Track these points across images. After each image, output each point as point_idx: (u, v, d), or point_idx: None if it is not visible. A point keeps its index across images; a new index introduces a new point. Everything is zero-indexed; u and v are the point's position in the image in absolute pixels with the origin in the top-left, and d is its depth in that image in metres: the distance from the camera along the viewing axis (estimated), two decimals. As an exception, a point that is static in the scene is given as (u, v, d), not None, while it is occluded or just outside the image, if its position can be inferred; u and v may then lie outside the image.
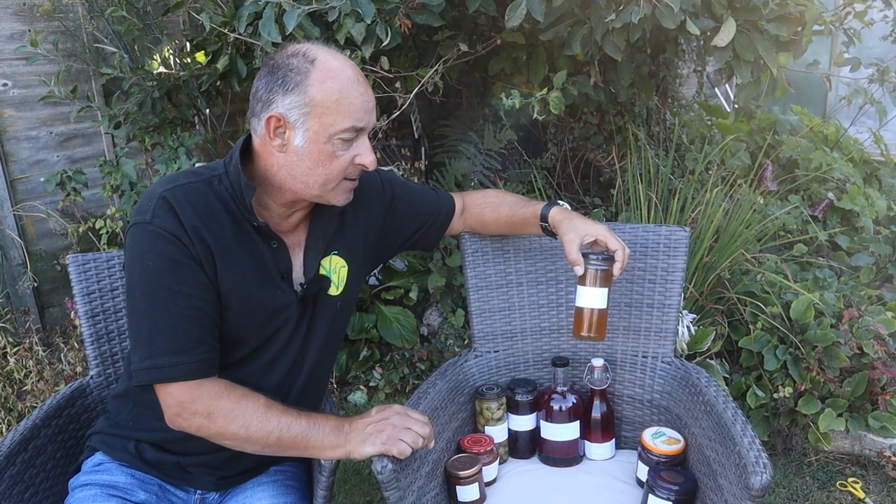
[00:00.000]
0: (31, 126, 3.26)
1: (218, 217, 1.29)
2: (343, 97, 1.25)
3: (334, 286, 1.45)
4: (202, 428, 1.26)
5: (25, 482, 1.39)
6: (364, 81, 1.29)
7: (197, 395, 1.25)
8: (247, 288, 1.31)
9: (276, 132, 1.26)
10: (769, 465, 1.20)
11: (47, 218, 3.24)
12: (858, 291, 2.75)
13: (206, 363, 1.26)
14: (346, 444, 1.29)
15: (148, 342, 1.25)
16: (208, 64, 2.60)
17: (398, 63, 2.42)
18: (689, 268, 2.55)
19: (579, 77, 2.45)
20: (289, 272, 1.38)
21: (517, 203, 1.66)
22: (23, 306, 3.26)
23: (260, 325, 1.35)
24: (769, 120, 3.87)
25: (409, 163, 3.27)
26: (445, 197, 1.68)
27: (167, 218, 1.24)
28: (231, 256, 1.29)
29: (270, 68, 1.27)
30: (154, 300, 1.24)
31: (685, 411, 1.58)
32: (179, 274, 1.24)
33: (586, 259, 1.47)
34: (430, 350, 2.98)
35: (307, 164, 1.27)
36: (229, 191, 1.31)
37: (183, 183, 1.29)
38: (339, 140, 1.26)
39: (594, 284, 1.47)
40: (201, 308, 1.26)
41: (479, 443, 1.63)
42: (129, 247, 1.28)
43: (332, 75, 1.24)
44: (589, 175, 3.49)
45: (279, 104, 1.25)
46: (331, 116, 1.25)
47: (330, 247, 1.44)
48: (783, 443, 2.47)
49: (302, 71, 1.24)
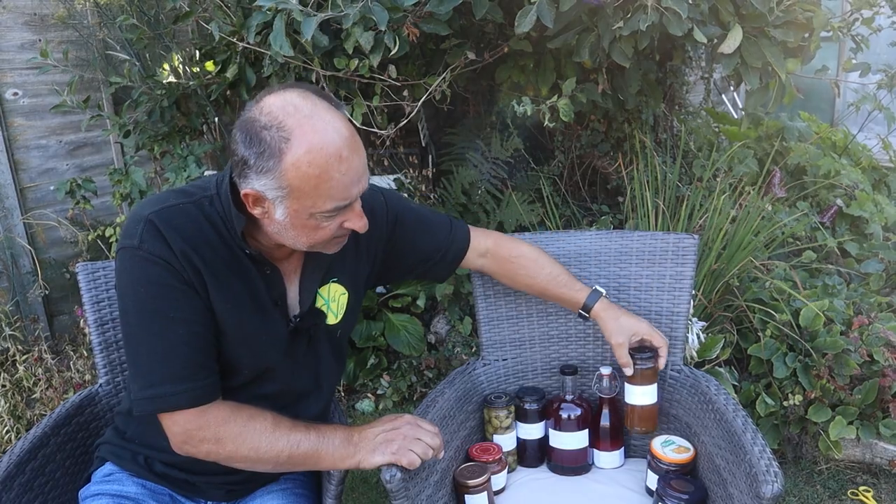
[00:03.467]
0: (41, 135, 3.28)
1: (208, 241, 1.23)
2: (322, 182, 1.14)
3: (333, 315, 1.41)
4: (211, 453, 1.25)
5: (35, 490, 1.39)
6: (351, 148, 1.16)
7: (203, 423, 1.23)
8: (239, 314, 1.27)
9: (256, 204, 1.19)
10: (780, 473, 1.19)
11: (57, 226, 3.26)
12: (868, 298, 2.73)
13: (208, 388, 1.24)
14: (355, 455, 1.29)
15: (147, 371, 1.22)
16: (218, 73, 2.61)
17: (405, 71, 2.43)
18: (697, 275, 2.54)
19: (587, 84, 2.46)
20: (282, 299, 1.34)
21: (555, 278, 1.62)
22: (32, 314, 3.27)
23: (254, 354, 1.31)
24: (777, 126, 3.86)
25: (417, 170, 3.27)
26: (461, 230, 1.60)
27: (155, 242, 1.20)
28: (222, 281, 1.24)
29: (245, 136, 1.14)
30: (151, 328, 1.21)
31: (695, 419, 1.57)
32: (173, 299, 1.20)
33: (633, 359, 1.57)
34: (438, 358, 2.98)
35: (291, 232, 1.21)
36: (221, 214, 1.25)
37: (171, 204, 1.24)
38: (321, 216, 1.19)
39: (643, 383, 1.57)
40: (199, 333, 1.23)
41: (487, 451, 1.62)
42: (119, 271, 1.24)
43: (308, 158, 1.12)
44: (596, 182, 3.49)
45: (254, 183, 1.15)
46: (309, 200, 1.15)
47: (328, 274, 1.39)
48: (793, 451, 2.46)
49: (276, 152, 1.11)
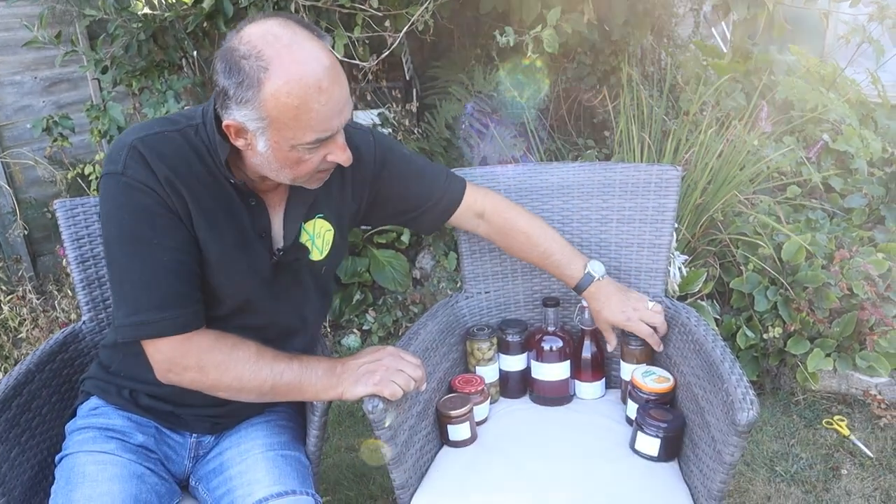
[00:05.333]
0: (14, 70, 3.20)
1: (193, 169, 1.23)
2: (302, 113, 1.12)
3: (318, 251, 1.40)
4: (195, 381, 1.26)
5: (22, 426, 1.40)
6: (331, 78, 1.13)
7: (187, 350, 1.23)
8: (222, 243, 1.26)
9: (238, 136, 1.18)
10: (756, 401, 1.21)
11: (35, 165, 3.21)
12: (850, 233, 2.75)
13: (192, 316, 1.24)
14: (338, 386, 1.30)
15: (131, 298, 1.21)
16: (194, 4, 2.54)
17: (387, 1, 2.36)
18: (682, 210, 2.54)
19: (573, 14, 2.40)
20: (266, 232, 1.33)
21: (548, 257, 1.60)
22: (14, 255, 3.25)
23: (236, 284, 1.31)
24: (766, 60, 3.81)
25: (400, 105, 3.23)
26: (456, 184, 1.57)
27: (139, 168, 1.19)
28: (206, 210, 1.24)
29: (225, 66, 1.13)
30: (134, 255, 1.20)
31: (675, 350, 1.60)
32: (157, 226, 1.20)
33: (628, 340, 1.64)
34: (423, 293, 3.00)
35: (274, 165, 1.20)
36: (206, 143, 1.24)
37: (156, 132, 1.23)
38: (303, 148, 1.18)
39: (639, 361, 1.65)
40: (182, 260, 1.23)
41: (469, 383, 1.64)
42: (102, 198, 1.23)
43: (287, 89, 1.10)
44: (582, 116, 3.45)
45: (235, 114, 1.14)
46: (290, 131, 1.14)
47: (314, 209, 1.38)
48: (771, 382, 2.51)
49: (255, 82, 1.10)
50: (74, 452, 1.34)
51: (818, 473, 2.13)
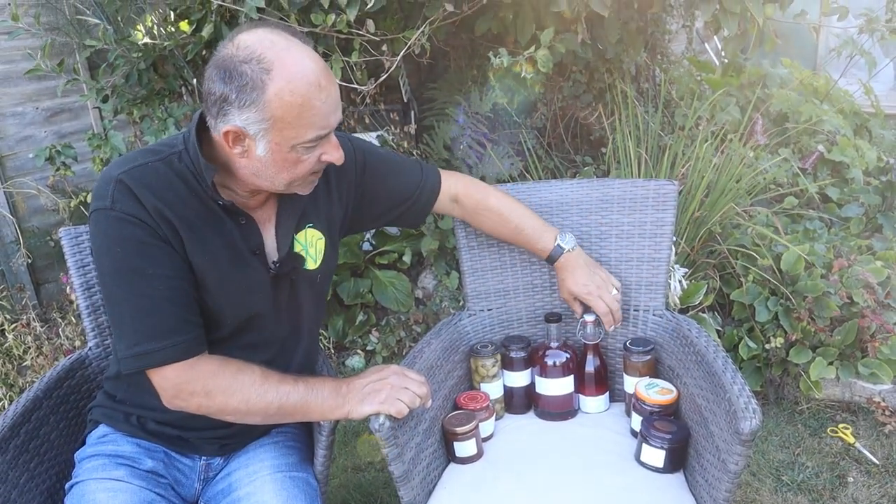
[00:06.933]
0: (16, 102, 3.24)
1: (180, 196, 1.24)
2: (305, 110, 1.17)
3: (311, 260, 1.43)
4: (202, 406, 1.27)
5: (31, 452, 1.41)
6: (328, 77, 1.20)
7: (192, 376, 1.25)
8: (218, 266, 1.28)
9: (236, 142, 1.21)
10: (758, 410, 1.22)
11: (38, 194, 3.23)
12: (848, 242, 2.77)
13: (194, 342, 1.25)
14: (344, 405, 1.31)
15: (131, 330, 1.22)
16: (193, 33, 2.58)
17: (384, 25, 2.40)
18: (680, 223, 2.56)
19: (566, 34, 2.44)
20: (260, 248, 1.35)
21: (520, 232, 1.66)
22: (18, 283, 3.27)
23: (236, 304, 1.33)
24: (759, 74, 3.85)
25: (399, 127, 3.26)
26: (432, 173, 1.63)
27: (127, 201, 1.21)
28: (198, 235, 1.26)
29: (223, 73, 1.16)
30: (130, 286, 1.22)
31: (677, 362, 1.61)
32: (150, 256, 1.22)
33: (630, 352, 1.66)
34: (426, 312, 3.01)
35: (272, 169, 1.23)
36: (190, 168, 1.26)
37: (140, 164, 1.25)
38: (302, 148, 1.22)
39: (642, 374, 1.66)
40: (179, 287, 1.24)
41: (475, 399, 1.65)
42: (93, 234, 1.24)
43: (291, 87, 1.15)
44: (579, 134, 3.48)
45: (236, 118, 1.17)
46: (293, 130, 1.18)
47: (303, 220, 1.41)
48: (775, 392, 2.51)
49: (258, 84, 1.14)
50: (84, 480, 1.34)
51: (825, 482, 2.13)
